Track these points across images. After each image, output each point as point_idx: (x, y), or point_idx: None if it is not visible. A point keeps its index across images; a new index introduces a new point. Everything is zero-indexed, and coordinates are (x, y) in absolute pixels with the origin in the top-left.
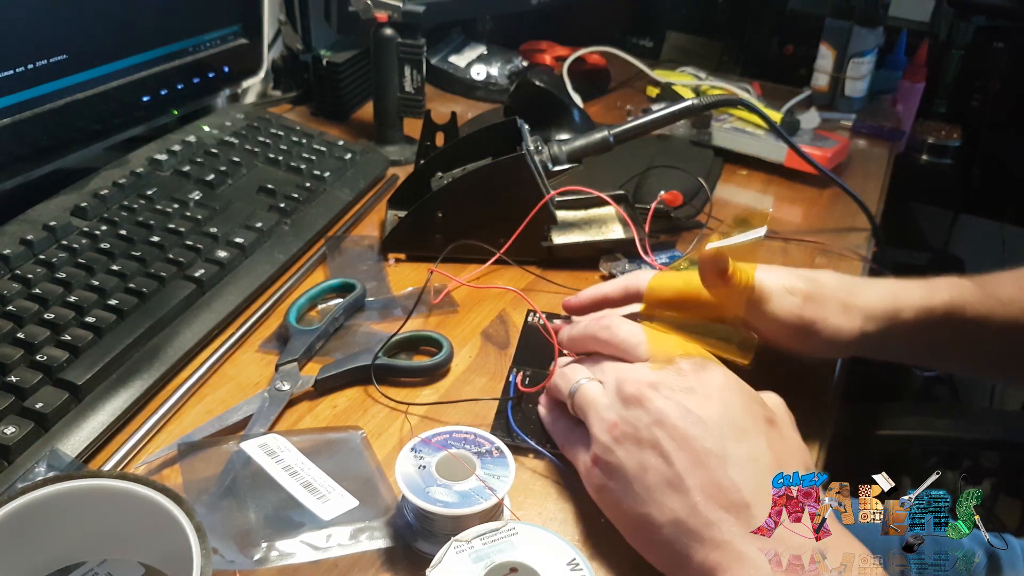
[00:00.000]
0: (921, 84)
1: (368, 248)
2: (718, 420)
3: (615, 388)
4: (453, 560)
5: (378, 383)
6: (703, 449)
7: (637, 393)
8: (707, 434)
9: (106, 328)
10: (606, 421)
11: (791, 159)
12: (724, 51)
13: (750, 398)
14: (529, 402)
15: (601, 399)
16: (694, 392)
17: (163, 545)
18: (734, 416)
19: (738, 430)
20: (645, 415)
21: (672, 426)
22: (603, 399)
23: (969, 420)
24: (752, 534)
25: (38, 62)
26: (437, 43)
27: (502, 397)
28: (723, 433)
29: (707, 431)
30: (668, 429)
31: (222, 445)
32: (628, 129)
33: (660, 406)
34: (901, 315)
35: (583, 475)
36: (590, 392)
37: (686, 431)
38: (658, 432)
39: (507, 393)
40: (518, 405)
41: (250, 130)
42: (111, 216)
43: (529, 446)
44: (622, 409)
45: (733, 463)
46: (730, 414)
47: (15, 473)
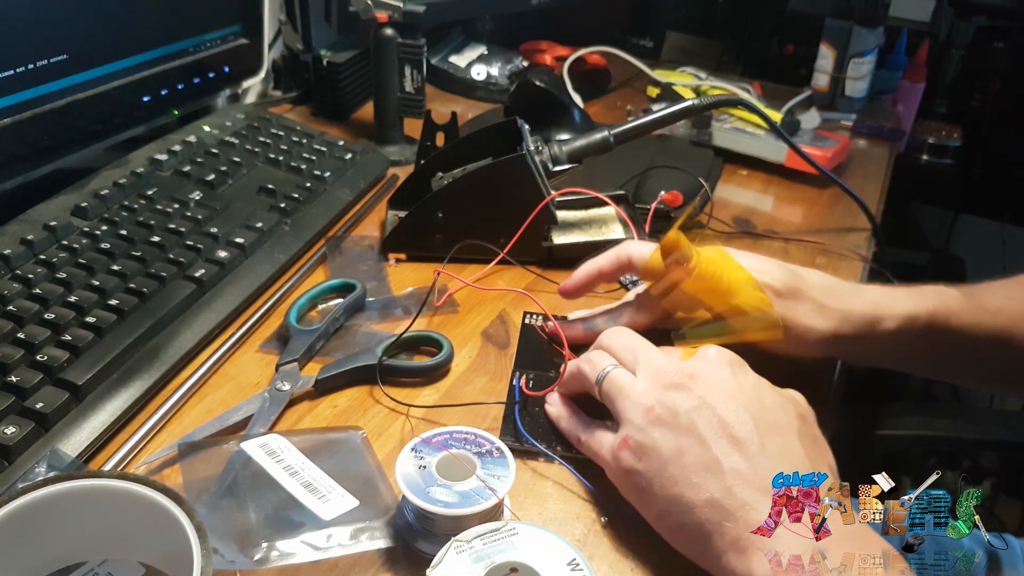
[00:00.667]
0: (921, 84)
1: (368, 248)
2: (755, 412)
3: (652, 375)
4: (453, 560)
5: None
6: (741, 436)
7: (677, 380)
8: (745, 424)
9: (106, 328)
10: (642, 405)
11: (791, 159)
12: (724, 51)
13: (782, 395)
14: (535, 405)
15: (635, 384)
16: (731, 385)
17: (163, 545)
18: (769, 410)
19: (773, 424)
20: (685, 401)
21: (711, 413)
22: (637, 384)
23: (969, 420)
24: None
25: (38, 62)
26: (437, 43)
27: (508, 401)
28: (760, 424)
29: (745, 421)
30: (707, 416)
31: (222, 445)
32: (628, 129)
33: (701, 394)
34: (882, 322)
35: (608, 459)
36: (620, 377)
37: (725, 418)
38: (696, 418)
39: (512, 397)
40: (524, 409)
41: (250, 130)
42: (111, 216)
43: (538, 450)
44: (660, 394)
45: (769, 452)
46: (765, 408)
47: (15, 473)
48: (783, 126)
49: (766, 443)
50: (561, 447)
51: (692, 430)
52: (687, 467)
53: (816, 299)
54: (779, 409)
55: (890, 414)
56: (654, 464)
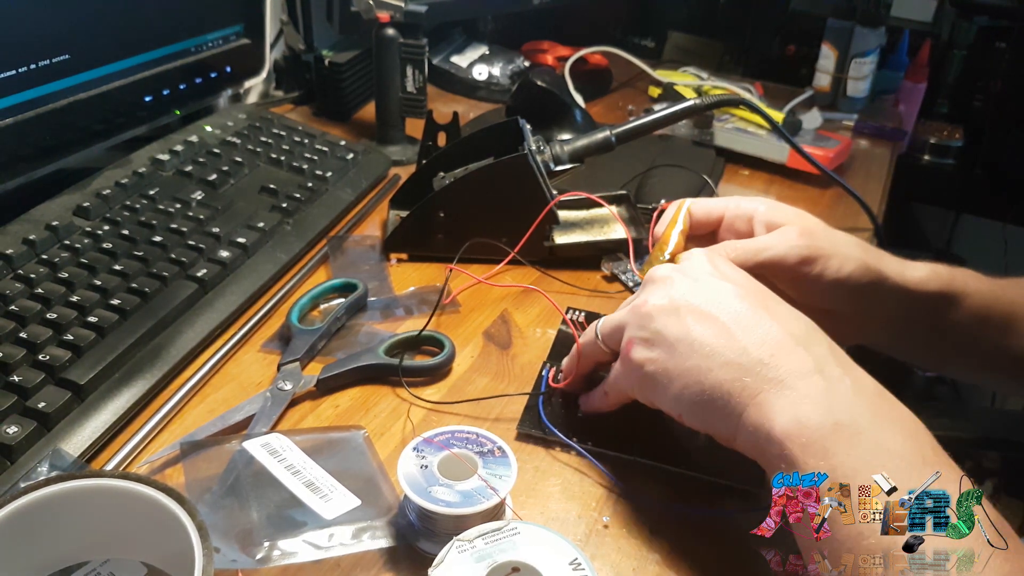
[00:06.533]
0: (923, 84)
1: (370, 248)
2: (747, 287)
3: (641, 287)
4: (455, 560)
5: (380, 383)
6: (743, 306)
7: (664, 276)
8: (742, 296)
9: (108, 328)
10: (637, 305)
11: (793, 159)
12: (726, 51)
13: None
14: (559, 397)
15: (625, 305)
16: (717, 271)
17: (165, 544)
18: (756, 285)
19: (766, 293)
20: (678, 289)
21: (707, 292)
22: (627, 304)
23: (970, 420)
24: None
25: (41, 62)
26: (439, 43)
27: (533, 392)
28: (755, 294)
29: (741, 294)
30: (704, 294)
31: (224, 444)
32: (630, 129)
33: (691, 279)
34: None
35: (621, 373)
36: (612, 314)
37: (721, 293)
38: (693, 298)
39: (538, 388)
40: (549, 400)
41: (252, 130)
42: (113, 216)
43: (560, 440)
44: (651, 292)
45: (776, 315)
46: (753, 284)
47: (18, 473)
48: (785, 126)
49: (771, 308)
50: (579, 439)
51: (693, 309)
52: (697, 339)
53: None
54: (759, 284)
55: None
56: (664, 347)
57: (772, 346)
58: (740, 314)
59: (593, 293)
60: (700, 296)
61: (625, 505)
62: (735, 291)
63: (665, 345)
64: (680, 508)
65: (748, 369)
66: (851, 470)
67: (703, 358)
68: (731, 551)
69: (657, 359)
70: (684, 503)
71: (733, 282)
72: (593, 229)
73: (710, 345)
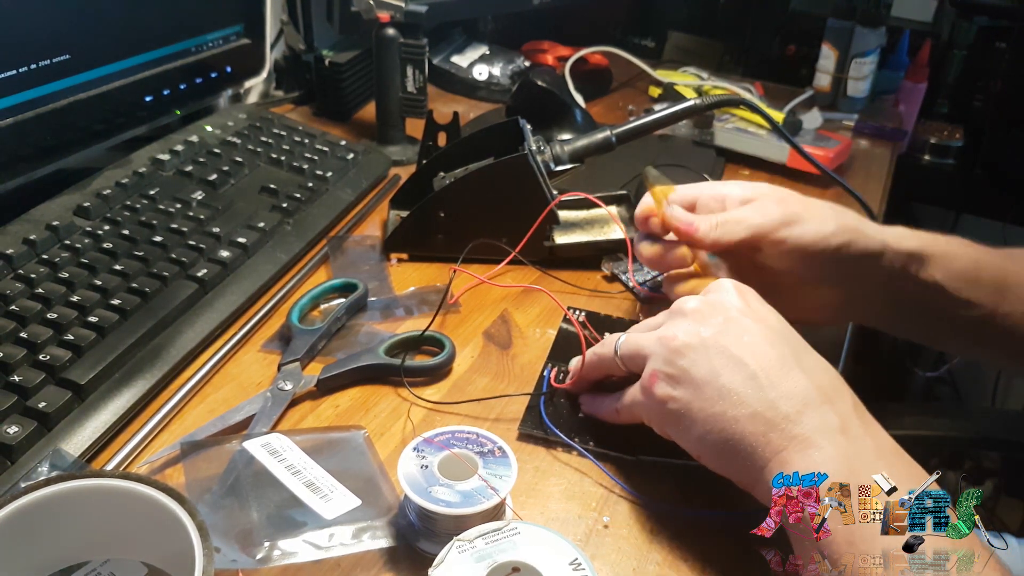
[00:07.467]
0: (923, 84)
1: (370, 248)
2: (779, 332)
3: (668, 315)
4: (455, 560)
5: (380, 383)
6: (775, 354)
7: (694, 309)
8: (775, 342)
9: (109, 328)
10: (663, 338)
11: (793, 159)
12: (726, 51)
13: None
14: (561, 397)
15: (652, 332)
16: (748, 309)
17: (166, 544)
18: (785, 328)
19: (797, 341)
20: (709, 326)
21: (738, 334)
22: (655, 331)
23: (970, 420)
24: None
25: (41, 62)
26: (439, 43)
27: (534, 392)
28: (788, 342)
29: (774, 340)
30: (734, 336)
31: (225, 444)
32: (630, 129)
33: (723, 318)
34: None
35: (641, 398)
36: (636, 335)
37: (754, 337)
38: (724, 339)
39: (540, 388)
40: (551, 400)
41: (252, 130)
42: (114, 216)
43: (561, 440)
44: (680, 325)
45: (805, 367)
46: (785, 328)
47: (18, 472)
48: (785, 126)
49: (800, 358)
50: (580, 439)
51: (723, 351)
52: (725, 385)
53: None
54: (792, 329)
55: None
56: (690, 387)
57: (799, 401)
58: (770, 363)
59: (593, 293)
60: (730, 337)
61: (625, 505)
62: (766, 335)
63: (691, 385)
64: (680, 509)
65: (774, 424)
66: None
67: (730, 406)
68: (731, 551)
69: (681, 399)
70: (684, 503)
71: (763, 322)
72: (593, 229)
73: (738, 394)
